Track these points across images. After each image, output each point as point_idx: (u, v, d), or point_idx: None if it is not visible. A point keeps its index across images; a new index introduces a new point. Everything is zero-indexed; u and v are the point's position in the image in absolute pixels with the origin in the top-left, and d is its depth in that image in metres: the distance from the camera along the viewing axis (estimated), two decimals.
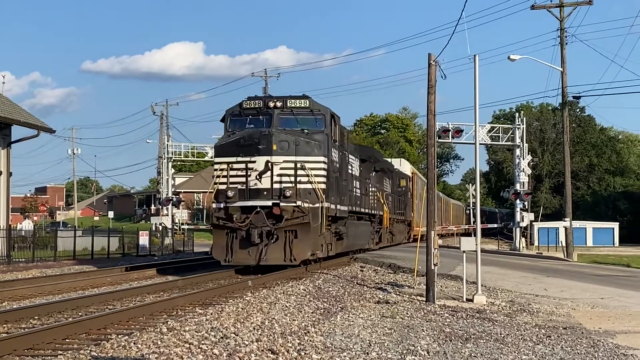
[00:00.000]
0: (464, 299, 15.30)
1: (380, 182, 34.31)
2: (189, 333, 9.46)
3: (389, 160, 44.99)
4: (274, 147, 19.85)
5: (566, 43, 40.89)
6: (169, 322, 10.27)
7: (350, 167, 25.10)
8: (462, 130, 42.54)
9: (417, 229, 48.25)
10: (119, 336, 9.25)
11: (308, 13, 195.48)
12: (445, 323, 12.01)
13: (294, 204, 19.67)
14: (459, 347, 9.67)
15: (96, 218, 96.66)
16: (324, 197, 20.06)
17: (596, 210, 77.14)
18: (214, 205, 20.44)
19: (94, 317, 10.62)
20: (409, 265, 21.84)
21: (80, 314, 12.10)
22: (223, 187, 20.16)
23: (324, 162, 20.39)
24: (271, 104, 20.81)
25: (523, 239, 46.33)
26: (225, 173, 20.27)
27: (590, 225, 66.63)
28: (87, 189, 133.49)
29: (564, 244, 40.74)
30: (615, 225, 68.41)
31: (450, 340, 10.22)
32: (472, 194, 41.71)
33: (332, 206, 21.26)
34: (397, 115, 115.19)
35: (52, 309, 12.44)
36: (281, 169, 19.94)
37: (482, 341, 10.27)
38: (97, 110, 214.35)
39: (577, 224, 51.97)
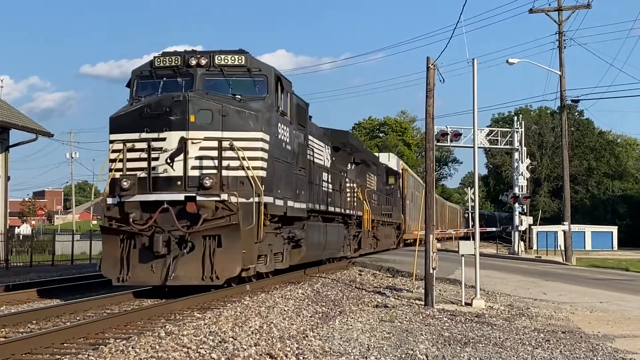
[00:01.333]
0: (463, 303, 15.29)
1: (362, 176, 29.72)
2: (187, 337, 9.44)
3: (376, 155, 39.89)
4: (192, 119, 14.88)
5: (565, 47, 40.99)
6: (167, 327, 10.25)
7: (313, 153, 20.32)
8: (460, 134, 42.64)
9: (409, 233, 46.77)
10: (117, 340, 9.23)
11: (307, 17, 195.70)
12: (444, 327, 12.00)
13: (217, 198, 14.55)
14: (458, 352, 9.66)
15: (94, 222, 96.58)
16: (263, 188, 15.08)
17: (595, 214, 77.31)
18: (109, 201, 15.23)
19: (92, 322, 10.61)
20: (408, 269, 21.83)
21: (78, 318, 12.07)
22: (119, 174, 15.03)
23: (262, 141, 15.40)
24: (193, 61, 15.88)
25: (522, 243, 46.40)
26: (122, 156, 15.09)
27: (589, 229, 66.77)
28: (85, 192, 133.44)
29: (562, 248, 40.77)
30: (614, 229, 68.53)
31: (449, 345, 10.21)
32: (471, 198, 41.48)
33: (279, 202, 16.43)
34: (396, 118, 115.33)
35: (50, 313, 12.42)
36: (201, 148, 14.83)
37: (480, 345, 10.25)
38: (95, 114, 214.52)
39: (575, 227, 52.09)
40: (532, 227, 51.48)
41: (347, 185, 25.94)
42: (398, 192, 42.10)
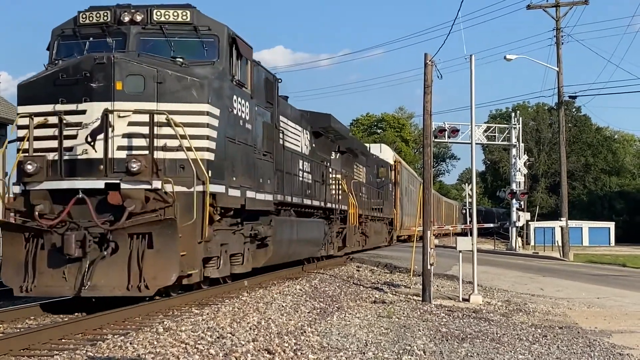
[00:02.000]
0: (460, 299, 15.31)
1: (348, 167, 27.16)
2: (185, 333, 9.46)
3: (365, 145, 36.31)
4: (118, 86, 12.02)
5: (562, 43, 41.00)
6: (165, 322, 10.27)
7: (284, 136, 17.69)
8: (458, 130, 42.68)
9: (403, 229, 45.31)
10: (115, 336, 9.24)
11: (305, 13, 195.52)
12: (442, 323, 12.02)
13: (148, 186, 11.78)
14: (455, 347, 9.67)
15: None
16: (209, 174, 12.37)
17: (592, 209, 77.34)
18: (14, 190, 12.48)
19: (90, 317, 10.61)
20: (406, 265, 21.85)
21: (76, 314, 12.07)
22: (25, 156, 12.25)
23: (209, 115, 12.60)
24: (126, 17, 12.83)
25: (519, 239, 46.43)
26: (29, 133, 12.28)
27: (586, 225, 66.79)
28: None
29: (560, 244, 40.79)
30: (611, 225, 68.59)
31: (447, 340, 10.23)
32: (469, 194, 41.51)
33: (234, 192, 13.70)
34: (394, 115, 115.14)
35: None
36: (130, 124, 12.03)
37: (478, 341, 10.27)
38: None
39: (573, 223, 52.08)
40: (529, 223, 51.52)
41: (331, 176, 23.48)
42: (390, 186, 39.36)
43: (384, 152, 42.11)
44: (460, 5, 17.27)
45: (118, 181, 11.74)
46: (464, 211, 60.86)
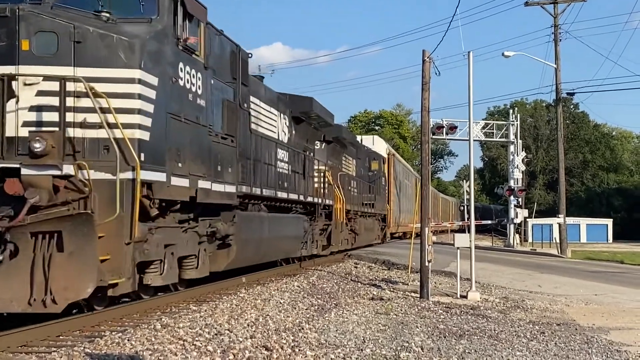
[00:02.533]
0: (458, 296, 15.32)
1: (335, 158, 25.30)
2: (183, 330, 9.46)
3: (355, 135, 34.87)
4: (25, 46, 9.72)
5: (560, 40, 40.97)
6: (162, 319, 10.26)
7: (255, 119, 15.47)
8: (456, 127, 42.74)
9: (396, 225, 43.69)
10: (113, 333, 9.23)
11: (304, 9, 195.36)
12: (439, 319, 12.03)
13: (57, 172, 9.49)
14: (453, 344, 9.68)
15: None
16: (142, 158, 10.10)
17: (590, 206, 77.42)
18: None
19: (88, 314, 10.59)
20: (403, 261, 21.85)
21: (74, 310, 12.05)
22: None
23: (141, 83, 10.26)
24: None
25: (517, 236, 46.51)
26: None
27: (584, 222, 66.84)
28: None
29: (557, 241, 40.80)
30: (609, 222, 68.64)
31: (444, 337, 10.23)
32: (467, 191, 41.26)
33: (180, 181, 11.37)
34: (392, 111, 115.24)
35: None
36: (40, 93, 9.75)
37: (476, 337, 10.28)
38: None
39: (571, 220, 52.06)
40: (527, 219, 51.58)
41: (315, 168, 21.44)
42: (383, 180, 36.79)
43: (377, 145, 39.78)
44: (458, 2, 17.27)
45: (17, 165, 9.35)
46: (462, 208, 60.77)
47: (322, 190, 22.03)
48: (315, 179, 21.65)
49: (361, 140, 35.16)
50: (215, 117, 12.86)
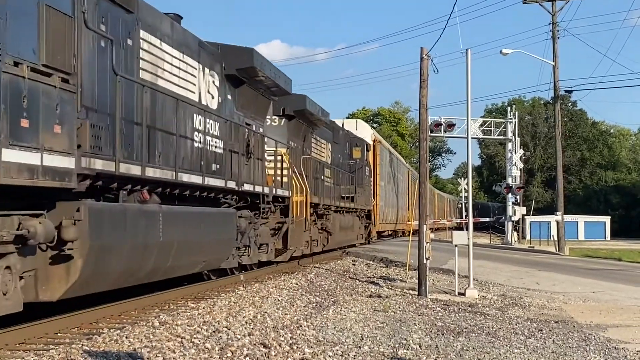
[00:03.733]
0: (456, 293, 15.33)
1: (300, 139, 20.49)
2: (181, 327, 9.45)
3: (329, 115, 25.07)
4: None
5: (558, 37, 41.01)
6: (161, 316, 10.26)
7: (154, 67, 11.30)
8: (454, 124, 42.70)
9: (384, 223, 39.45)
10: (111, 330, 9.23)
11: (302, 6, 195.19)
12: (437, 317, 12.04)
13: None
14: (451, 341, 9.69)
15: None
16: None
17: (588, 204, 77.54)
18: None
19: (86, 311, 10.59)
20: (401, 259, 21.87)
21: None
22: None
23: None
24: None
25: (515, 233, 46.51)
26: None
27: (582, 219, 66.95)
28: None
29: (555, 238, 40.87)
30: (607, 219, 68.75)
31: (442, 334, 10.24)
32: (465, 188, 41.07)
33: None
34: (390, 109, 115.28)
35: None
36: None
37: (473, 335, 10.29)
38: None
39: (568, 217, 52.18)
40: (525, 217, 51.60)
41: (266, 147, 16.92)
42: (367, 170, 31.58)
43: (361, 129, 34.69)
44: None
45: None
46: (460, 205, 60.71)
47: (278, 177, 17.68)
48: (270, 162, 17.52)
49: (343, 125, 30.33)
50: (12, 33, 7.66)
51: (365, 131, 35.08)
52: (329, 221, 23.35)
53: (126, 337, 8.71)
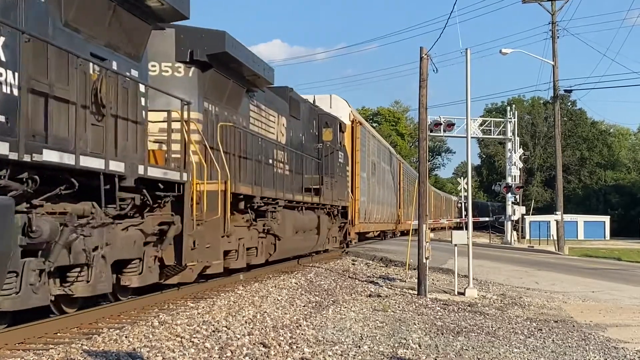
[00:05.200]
0: (456, 293, 15.32)
1: (231, 103, 14.86)
2: (181, 327, 9.45)
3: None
4: None
5: (558, 37, 41.06)
6: (160, 316, 10.25)
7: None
8: (453, 124, 42.72)
9: (367, 223, 32.05)
10: (111, 330, 9.22)
11: (302, 6, 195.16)
12: (437, 316, 12.04)
13: None
14: (451, 341, 9.69)
15: None
16: None
17: (587, 203, 77.60)
18: None
19: (86, 311, 10.59)
20: (401, 258, 21.86)
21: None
22: None
23: None
24: None
25: (514, 233, 46.52)
26: None
27: (581, 219, 67.01)
28: None
29: (555, 238, 40.91)
30: (607, 219, 68.79)
31: (442, 334, 10.24)
32: (464, 188, 40.82)
33: None
34: (389, 108, 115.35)
35: None
36: None
37: (473, 334, 10.29)
38: None
39: (568, 217, 52.23)
40: (524, 216, 51.63)
41: (141, 107, 10.89)
42: (340, 156, 24.69)
43: (337, 107, 27.43)
44: None
45: None
46: (459, 204, 60.61)
47: (182, 155, 12.13)
48: (155, 130, 12.03)
49: (314, 100, 23.99)
50: None
51: (341, 109, 27.83)
52: (276, 221, 17.07)
53: (126, 337, 8.71)
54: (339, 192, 24.28)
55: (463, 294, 15.06)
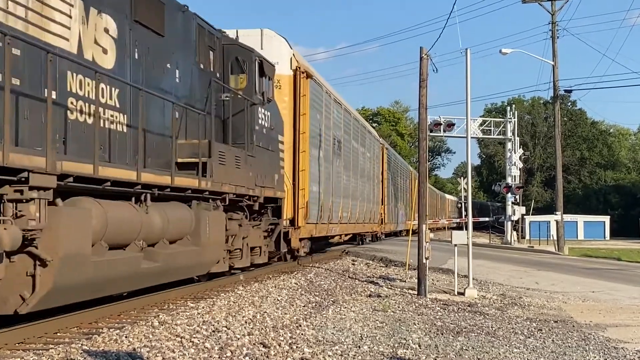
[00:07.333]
0: (456, 293, 15.33)
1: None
2: (181, 327, 9.45)
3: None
4: None
5: (557, 37, 41.07)
6: (160, 316, 10.25)
7: None
8: (453, 124, 42.71)
9: (325, 224, 22.44)
10: (111, 330, 9.23)
11: (303, 6, 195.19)
12: (437, 316, 12.04)
13: None
14: (451, 341, 9.69)
15: None
16: None
17: (587, 203, 77.57)
18: None
19: (86, 311, 10.59)
20: (401, 258, 21.86)
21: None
22: None
23: None
24: None
25: (514, 233, 46.52)
26: None
27: (581, 219, 66.99)
28: None
29: (555, 238, 40.89)
30: (606, 219, 68.77)
31: (442, 334, 10.24)
32: (464, 188, 40.70)
33: None
34: (389, 108, 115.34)
35: None
36: None
37: (473, 334, 10.29)
38: None
39: (568, 217, 52.21)
40: (524, 216, 51.62)
41: None
42: (267, 117, 16.36)
43: (270, 47, 18.85)
44: None
45: None
46: (459, 205, 60.56)
47: None
48: None
49: (237, 36, 16.90)
50: None
51: (279, 52, 19.22)
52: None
53: (126, 337, 8.71)
54: (262, 174, 15.89)
55: (463, 294, 15.06)
